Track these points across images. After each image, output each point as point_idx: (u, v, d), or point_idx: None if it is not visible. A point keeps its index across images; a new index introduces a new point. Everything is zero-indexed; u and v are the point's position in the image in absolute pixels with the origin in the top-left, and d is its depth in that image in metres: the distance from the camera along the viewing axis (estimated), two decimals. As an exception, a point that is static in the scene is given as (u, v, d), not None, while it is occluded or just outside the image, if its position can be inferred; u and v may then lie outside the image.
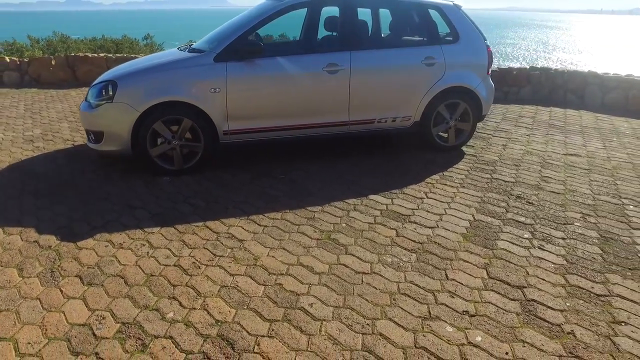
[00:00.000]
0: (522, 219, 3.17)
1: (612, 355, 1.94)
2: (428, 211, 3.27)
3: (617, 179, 3.93)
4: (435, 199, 3.47)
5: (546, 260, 2.65)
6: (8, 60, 8.00)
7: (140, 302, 2.25)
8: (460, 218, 3.17)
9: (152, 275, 2.48)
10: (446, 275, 2.50)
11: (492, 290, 2.37)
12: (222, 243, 2.81)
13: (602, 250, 2.78)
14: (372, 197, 3.49)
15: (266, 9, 3.92)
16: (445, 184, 3.76)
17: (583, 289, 2.39)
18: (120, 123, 3.63)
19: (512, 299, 2.30)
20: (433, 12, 4.37)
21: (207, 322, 2.12)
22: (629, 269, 2.58)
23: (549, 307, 2.24)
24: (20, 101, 6.69)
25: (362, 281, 2.44)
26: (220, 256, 2.67)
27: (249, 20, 3.89)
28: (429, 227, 3.03)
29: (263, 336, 2.03)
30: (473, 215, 3.21)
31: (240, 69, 3.76)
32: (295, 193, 3.56)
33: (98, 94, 3.70)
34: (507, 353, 1.94)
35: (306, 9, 4.68)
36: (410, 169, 4.10)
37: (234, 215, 3.17)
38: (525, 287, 2.39)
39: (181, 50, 4.19)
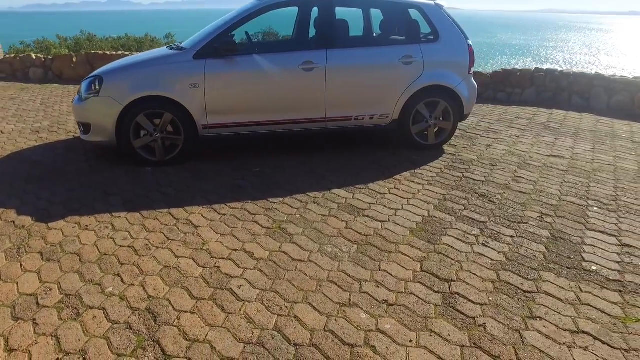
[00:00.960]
0: (477, 216, 3.19)
1: (514, 348, 1.98)
2: (385, 206, 3.34)
3: (593, 181, 3.85)
4: (397, 195, 3.53)
5: (485, 256, 2.68)
6: (34, 57, 8.55)
7: (87, 277, 2.45)
8: (415, 214, 3.22)
9: (105, 255, 2.68)
10: (379, 266, 2.57)
11: (419, 282, 2.43)
12: (178, 228, 2.99)
13: (546, 249, 2.77)
14: (335, 191, 3.59)
15: (244, 10, 4.09)
16: (413, 181, 3.81)
17: (512, 285, 2.42)
18: (105, 116, 3.88)
19: (435, 292, 2.35)
20: (414, 12, 4.42)
21: (140, 297, 2.29)
22: (567, 268, 2.58)
23: (470, 300, 2.28)
24: (39, 96, 7.15)
25: (296, 268, 2.55)
26: (172, 240, 2.85)
27: (228, 20, 4.06)
28: (380, 221, 3.10)
29: (186, 312, 2.19)
30: (429, 212, 3.25)
31: (218, 66, 3.94)
32: (263, 185, 3.70)
33: (87, 88, 3.97)
34: (411, 341, 2.01)
35: (297, 8, 4.83)
36: (384, 165, 4.16)
37: (198, 204, 3.35)
38: (454, 281, 2.44)
39: (169, 48, 4.42)
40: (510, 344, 1.99)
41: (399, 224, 3.06)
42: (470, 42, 4.49)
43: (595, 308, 2.24)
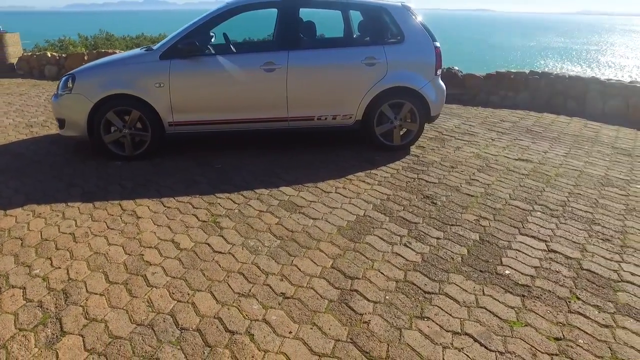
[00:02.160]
0: (412, 217, 3.21)
1: (388, 345, 2.03)
2: (325, 204, 3.41)
3: (549, 186, 3.78)
4: (341, 194, 3.59)
5: (401, 256, 2.72)
6: (49, 55, 9.06)
7: (21, 260, 2.66)
8: (351, 213, 3.28)
9: (46, 240, 2.88)
10: (292, 261, 2.66)
11: (324, 278, 2.50)
12: (121, 219, 3.17)
13: (467, 252, 2.78)
14: (283, 188, 3.69)
15: (210, 13, 4.25)
16: (364, 181, 3.86)
17: (415, 285, 2.45)
18: (77, 112, 4.13)
19: (336, 288, 2.42)
20: (379, 13, 4.45)
21: (60, 279, 2.47)
22: (480, 271, 2.58)
23: (365, 298, 2.34)
24: (46, 92, 7.59)
25: (213, 259, 2.68)
26: (111, 229, 3.03)
27: (195, 21, 4.23)
28: (313, 219, 3.18)
29: (96, 294, 2.35)
30: (365, 211, 3.30)
31: (183, 66, 4.11)
32: (218, 181, 3.84)
33: (63, 85, 4.23)
34: (290, 332, 2.10)
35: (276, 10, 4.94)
36: (343, 165, 4.22)
37: (150, 197, 3.52)
38: (358, 279, 2.49)
39: (143, 49, 4.63)
40: (385, 341, 2.04)
41: (329, 222, 3.13)
42: (437, 43, 4.48)
43: (490, 311, 2.25)
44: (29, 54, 9.49)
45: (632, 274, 2.56)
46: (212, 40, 4.97)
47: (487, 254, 2.75)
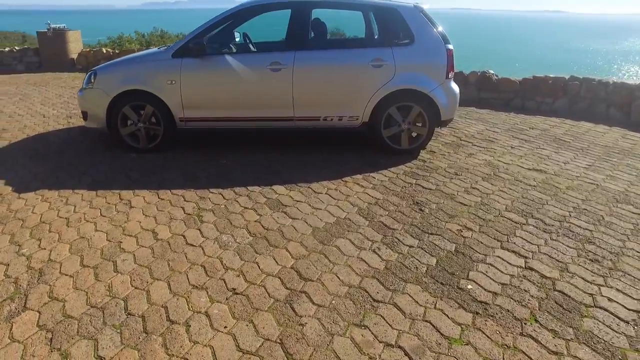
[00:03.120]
0: (392, 223, 3.14)
1: (314, 349, 2.01)
2: (310, 204, 3.41)
3: (555, 199, 3.53)
4: (330, 195, 3.58)
5: (365, 262, 2.67)
6: (104, 51, 9.76)
7: (15, 239, 2.92)
8: (333, 215, 3.26)
9: (43, 223, 3.14)
10: (255, 259, 2.70)
11: (278, 277, 2.52)
12: (115, 207, 3.38)
13: (436, 262, 2.67)
14: (275, 186, 3.74)
15: (221, 14, 4.38)
16: (359, 184, 3.81)
17: (366, 292, 2.40)
18: (98, 105, 4.44)
19: (287, 288, 2.43)
20: (389, 14, 4.35)
21: (41, 259, 2.69)
22: (440, 283, 2.48)
23: (311, 300, 2.33)
24: (96, 86, 8.18)
25: (183, 251, 2.78)
26: (103, 216, 3.24)
27: (206, 22, 4.38)
28: (292, 219, 3.20)
29: (66, 275, 2.53)
30: (348, 214, 3.27)
31: (193, 65, 4.28)
32: (216, 176, 3.96)
33: (87, 80, 4.56)
34: (225, 327, 2.14)
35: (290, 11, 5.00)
36: (344, 166, 4.19)
37: (149, 188, 3.72)
38: (312, 281, 2.49)
39: (160, 48, 4.87)
40: (313, 346, 2.03)
41: (307, 223, 3.14)
42: (450, 45, 4.32)
43: (433, 326, 2.16)
44: (87, 50, 10.29)
45: (610, 299, 2.34)
46: (237, 39, 5.14)
47: (456, 267, 2.63)
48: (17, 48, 10.73)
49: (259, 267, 2.62)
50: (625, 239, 2.96)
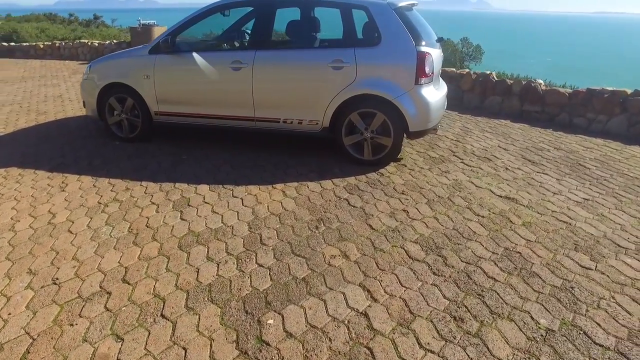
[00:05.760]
0: (269, 237, 2.86)
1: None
2: (213, 208, 3.28)
3: (491, 236, 2.87)
4: (244, 201, 3.39)
5: (199, 272, 2.48)
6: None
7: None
8: (222, 220, 3.09)
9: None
10: (105, 254, 2.69)
11: (104, 274, 2.47)
12: (50, 189, 3.64)
13: (265, 289, 2.36)
14: (201, 186, 3.66)
15: (193, 12, 4.43)
16: (284, 192, 3.55)
17: (164, 303, 2.22)
18: (90, 95, 4.83)
19: (100, 287, 2.37)
20: (355, 11, 3.95)
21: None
22: (245, 312, 2.18)
23: (104, 306, 2.24)
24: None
25: (57, 237, 2.87)
26: (32, 196, 3.51)
27: (180, 20, 4.47)
28: (182, 220, 3.11)
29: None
30: (238, 222, 3.07)
31: (165, 60, 4.41)
32: (162, 170, 4.01)
33: (85, 71, 4.98)
34: (9, 314, 2.17)
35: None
36: (289, 171, 3.95)
37: (95, 174, 3.90)
38: (128, 284, 2.39)
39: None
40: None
41: (189, 226, 3.02)
42: (423, 48, 3.78)
43: (184, 349, 1.91)
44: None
45: (421, 370, 1.82)
46: (245, 36, 5.16)
47: (281, 297, 2.28)
48: (115, 41, 12.27)
49: (99, 263, 2.60)
50: (530, 299, 2.28)
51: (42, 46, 12.89)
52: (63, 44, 12.83)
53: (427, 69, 3.81)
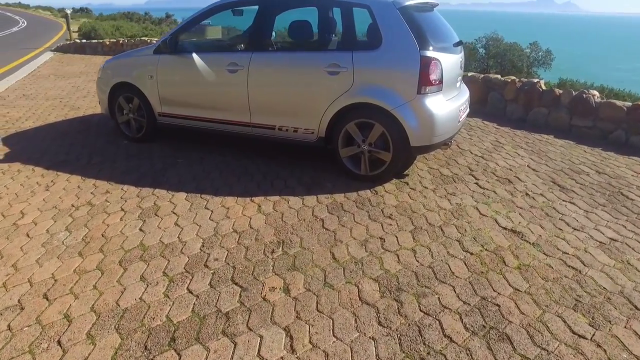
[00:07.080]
0: (218, 259, 2.59)
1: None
2: (178, 220, 3.08)
3: (471, 280, 2.37)
4: (214, 213, 3.16)
5: (118, 294, 2.27)
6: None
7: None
8: (180, 234, 2.88)
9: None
10: (46, 262, 2.57)
11: (31, 284, 2.34)
12: (37, 185, 3.66)
13: (161, 323, 2.09)
14: (179, 193, 3.49)
15: (194, 13, 4.27)
16: (261, 206, 3.27)
17: (69, 320, 2.04)
18: (103, 93, 4.88)
19: (28, 293, 2.25)
20: (361, 12, 3.55)
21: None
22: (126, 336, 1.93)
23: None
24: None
25: (16, 237, 2.83)
26: (16, 191, 3.55)
27: (184, 20, 4.34)
28: (140, 230, 2.94)
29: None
30: (193, 238, 2.84)
31: (167, 61, 4.31)
32: (151, 174, 3.89)
33: (100, 70, 5.03)
34: None
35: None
36: (276, 182, 3.67)
37: (87, 174, 3.87)
38: (60, 297, 2.24)
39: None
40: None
41: (143, 238, 2.83)
42: (429, 52, 3.31)
43: None
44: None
45: None
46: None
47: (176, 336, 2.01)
48: (156, 39, 12.72)
49: (33, 273, 2.47)
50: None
51: (107, 43, 13.70)
52: (126, 41, 13.55)
53: (432, 77, 3.34)
